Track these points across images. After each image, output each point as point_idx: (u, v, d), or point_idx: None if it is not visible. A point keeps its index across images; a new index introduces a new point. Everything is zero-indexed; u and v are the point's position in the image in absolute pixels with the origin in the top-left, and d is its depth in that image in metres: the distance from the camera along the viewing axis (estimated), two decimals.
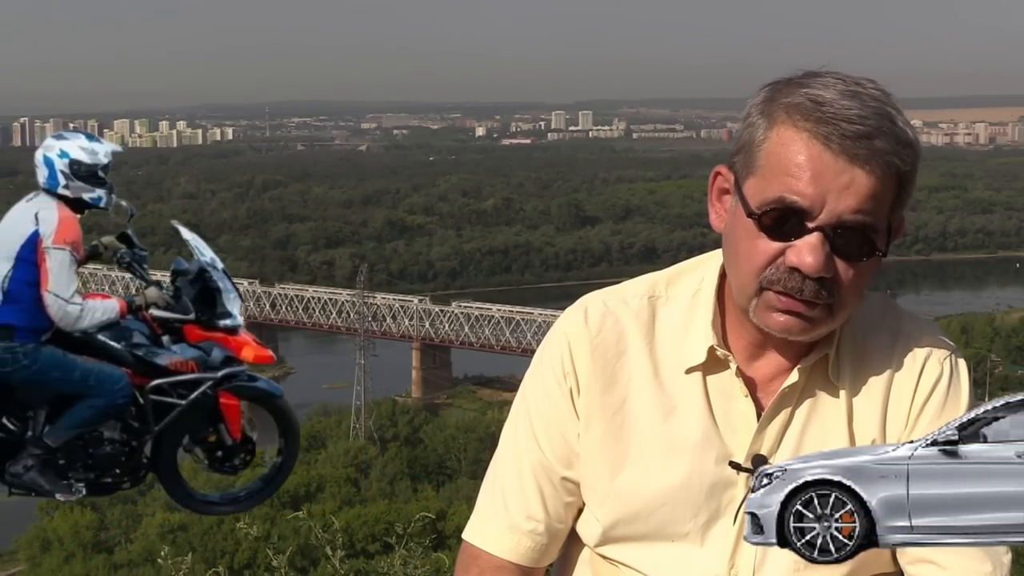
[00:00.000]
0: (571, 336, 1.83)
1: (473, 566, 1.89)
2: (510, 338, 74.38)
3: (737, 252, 1.68)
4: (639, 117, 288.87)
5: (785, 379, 1.75)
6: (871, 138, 1.57)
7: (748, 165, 1.66)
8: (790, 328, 1.67)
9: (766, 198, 1.62)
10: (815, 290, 1.62)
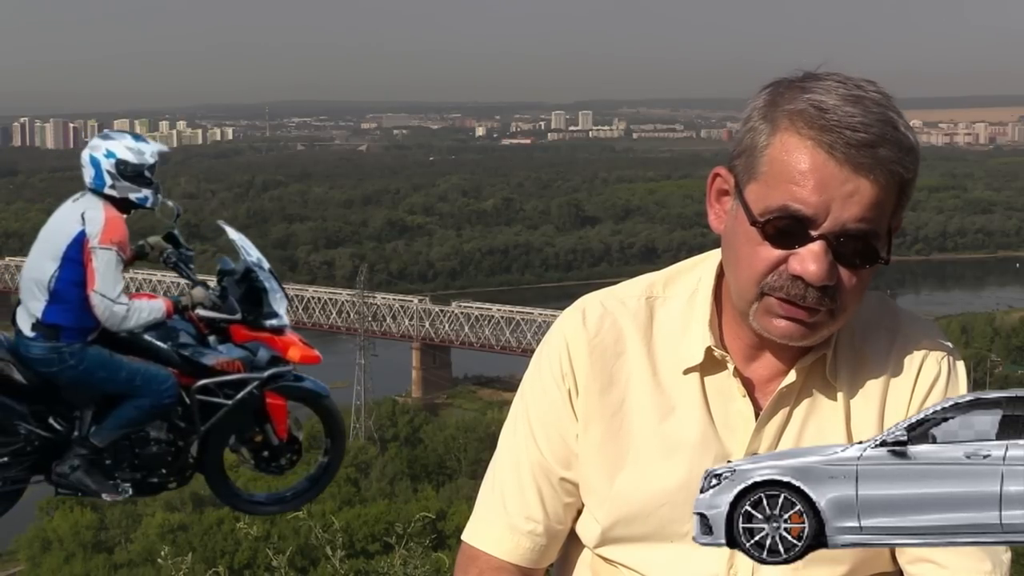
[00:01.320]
0: (569, 337, 1.83)
1: (472, 567, 1.88)
2: (510, 338, 74.37)
3: (738, 257, 1.68)
4: (639, 117, 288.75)
5: (783, 379, 1.75)
6: (875, 147, 1.57)
7: (750, 170, 1.65)
8: (791, 334, 1.67)
9: (769, 206, 1.61)
10: (818, 297, 1.62)
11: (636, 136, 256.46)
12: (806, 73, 1.66)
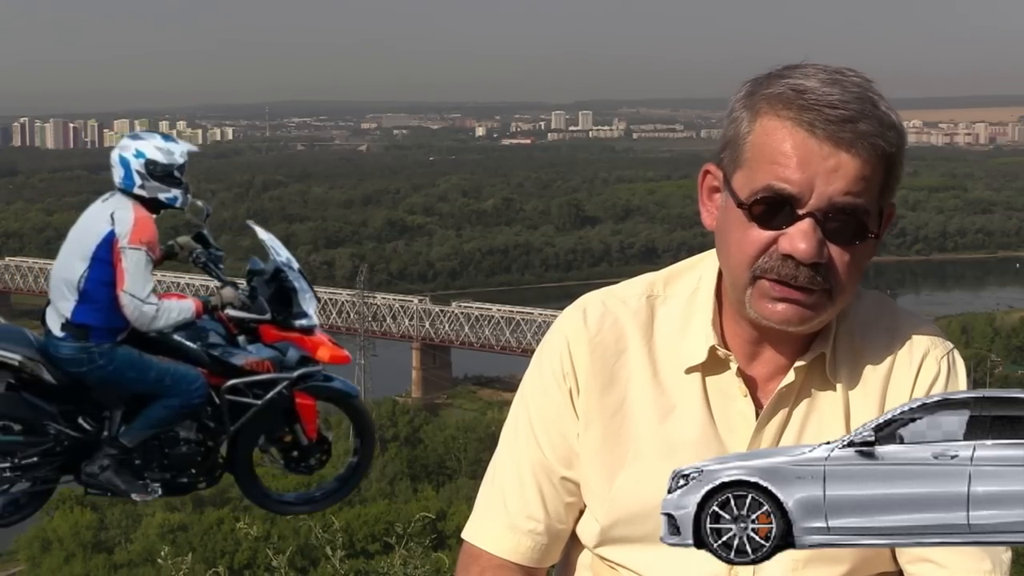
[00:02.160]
0: (570, 336, 1.83)
1: (474, 565, 1.88)
2: (510, 338, 74.34)
3: (729, 244, 1.68)
4: (639, 117, 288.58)
5: (783, 379, 1.75)
6: (855, 121, 1.58)
7: (735, 159, 1.66)
8: (789, 318, 1.66)
9: (755, 188, 1.62)
10: (810, 276, 1.62)
11: (636, 136, 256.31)
12: (786, 65, 1.67)
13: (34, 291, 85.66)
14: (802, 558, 1.73)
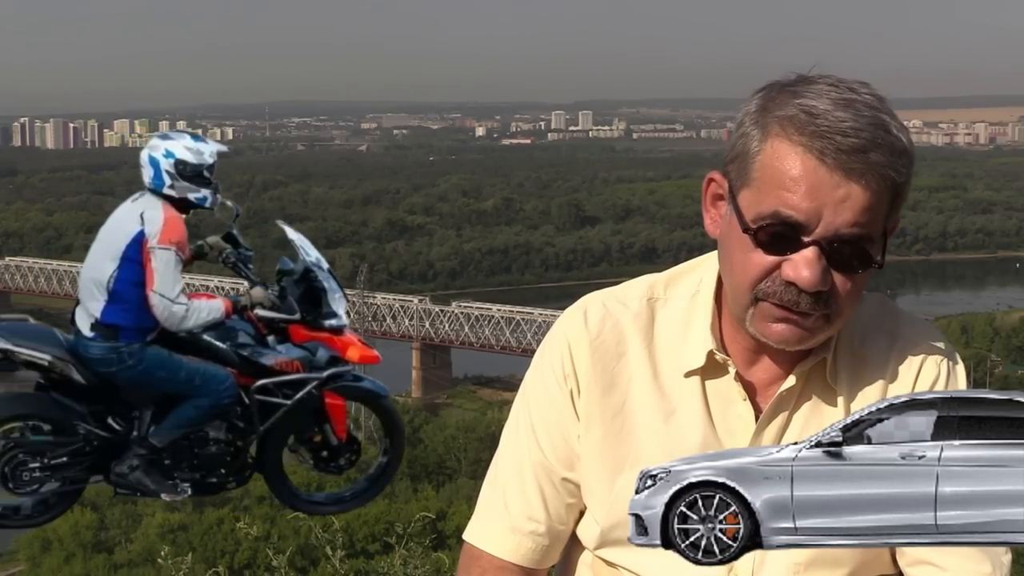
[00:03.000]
0: (571, 338, 1.83)
1: (475, 566, 1.89)
2: (510, 338, 74.35)
3: (732, 263, 1.68)
4: (639, 117, 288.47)
5: (783, 383, 1.75)
6: (866, 151, 1.57)
7: (743, 176, 1.65)
8: (787, 339, 1.66)
9: (761, 212, 1.61)
10: (811, 303, 1.62)
11: (636, 136, 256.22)
12: (799, 76, 1.65)
13: (34, 291, 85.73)
14: (803, 560, 1.73)
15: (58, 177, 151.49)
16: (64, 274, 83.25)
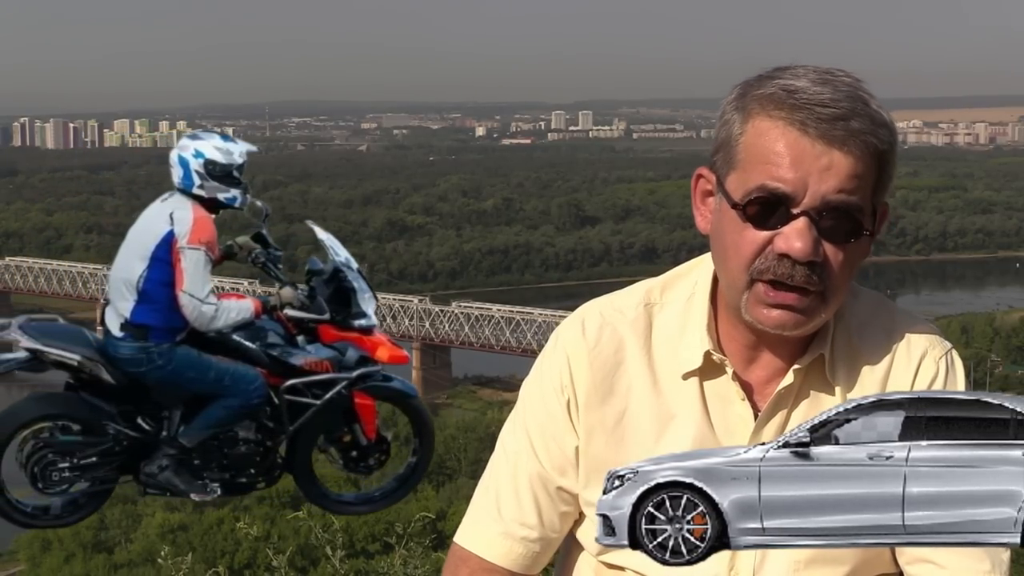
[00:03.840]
0: (569, 349, 1.84)
1: (463, 567, 1.90)
2: (510, 338, 74.35)
3: (725, 247, 1.68)
4: (639, 117, 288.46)
5: (781, 381, 1.76)
6: (846, 119, 1.58)
7: (728, 161, 1.66)
8: (784, 323, 1.66)
9: (748, 188, 1.62)
10: (806, 275, 1.62)
11: (636, 136, 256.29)
12: (776, 67, 1.68)
13: (34, 291, 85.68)
14: (803, 559, 1.73)
15: (58, 177, 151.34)
16: (64, 274, 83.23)
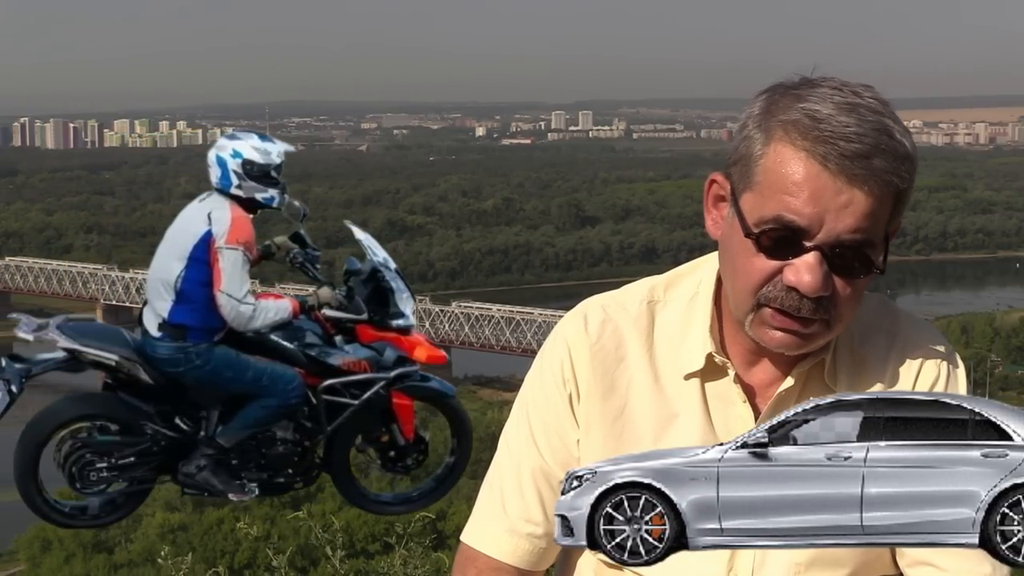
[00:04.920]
0: (571, 343, 1.84)
1: (471, 567, 1.89)
2: (510, 338, 74.33)
3: (734, 267, 1.68)
4: (639, 117, 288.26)
5: (781, 383, 1.76)
6: (869, 157, 1.57)
7: (745, 179, 1.65)
8: (787, 345, 1.67)
9: (763, 216, 1.61)
10: (812, 308, 1.62)
11: (636, 136, 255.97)
12: (802, 79, 1.65)
13: (34, 291, 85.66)
14: (804, 561, 1.73)
15: (58, 177, 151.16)
16: (64, 274, 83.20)
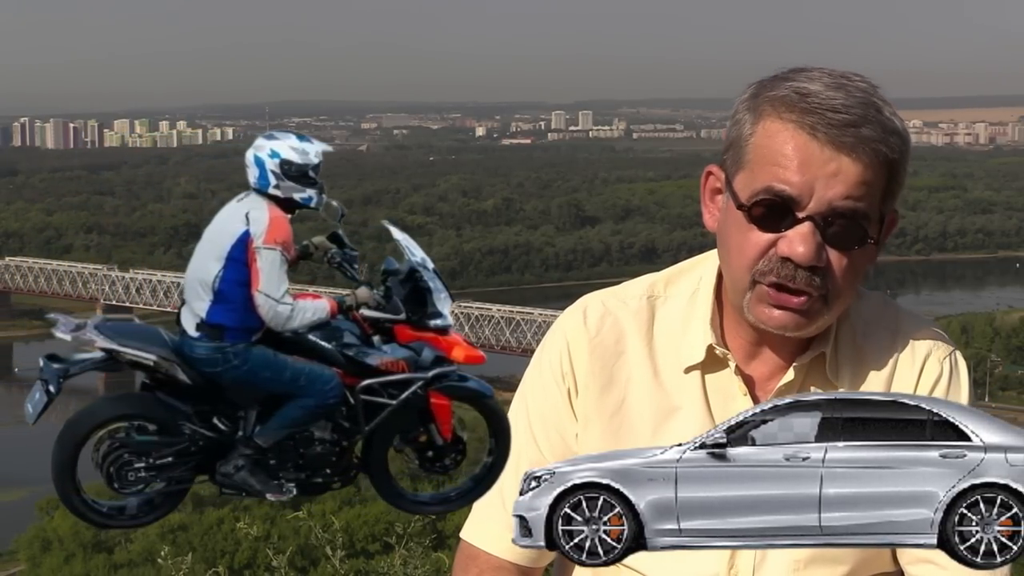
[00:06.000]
0: (570, 336, 1.85)
1: (472, 565, 1.90)
2: (510, 338, 74.34)
3: (729, 247, 1.68)
4: (639, 117, 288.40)
5: (782, 377, 1.75)
6: (857, 126, 1.56)
7: (737, 160, 1.65)
8: (785, 324, 1.66)
9: (755, 189, 1.62)
10: (807, 278, 1.61)
11: (636, 136, 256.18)
12: (793, 68, 1.67)
13: (34, 291, 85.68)
14: (803, 559, 1.72)
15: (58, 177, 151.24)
16: (64, 274, 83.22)
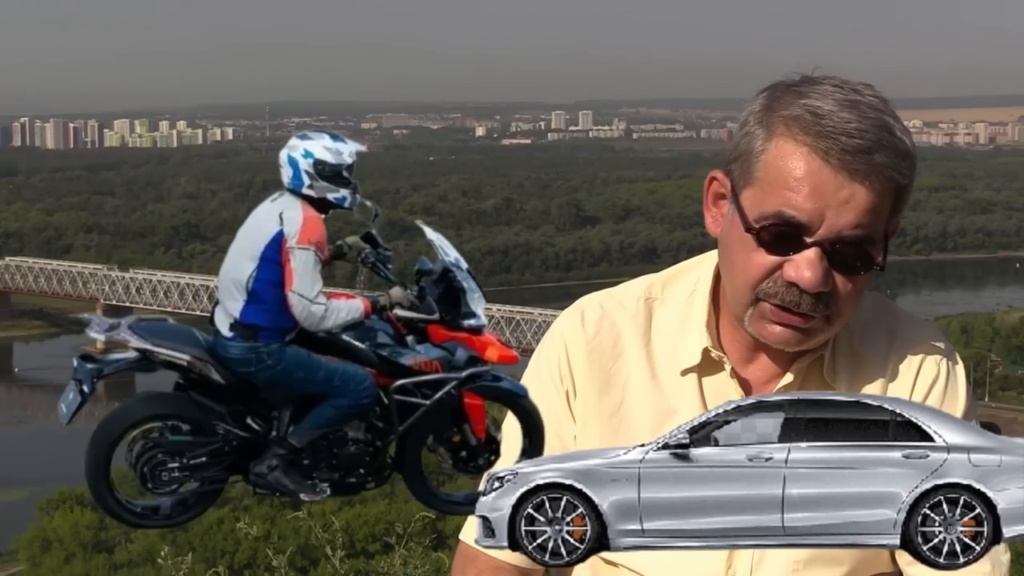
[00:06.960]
0: (568, 338, 1.84)
1: (471, 567, 1.89)
2: (510, 338, 74.26)
3: (733, 263, 1.67)
4: (639, 117, 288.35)
5: (780, 380, 1.75)
6: (870, 152, 1.55)
7: (746, 175, 1.64)
8: (786, 340, 1.66)
9: (764, 212, 1.60)
10: (812, 304, 1.61)
11: (636, 136, 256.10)
12: (803, 77, 1.64)
13: (34, 291, 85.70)
14: (802, 559, 1.72)
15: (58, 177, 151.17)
16: (64, 274, 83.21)
